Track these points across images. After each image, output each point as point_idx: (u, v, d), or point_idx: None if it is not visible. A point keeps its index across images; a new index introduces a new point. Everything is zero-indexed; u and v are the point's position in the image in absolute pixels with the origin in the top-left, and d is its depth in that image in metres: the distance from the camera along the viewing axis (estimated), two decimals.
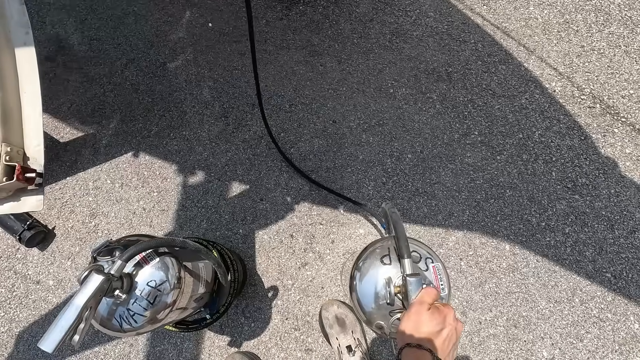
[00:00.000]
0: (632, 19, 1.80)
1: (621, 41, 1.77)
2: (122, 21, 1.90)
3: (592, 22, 1.81)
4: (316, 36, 1.84)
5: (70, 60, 1.84)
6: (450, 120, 1.69)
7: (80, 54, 1.85)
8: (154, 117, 1.74)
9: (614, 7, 1.82)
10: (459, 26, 1.84)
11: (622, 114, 1.67)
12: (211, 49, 1.83)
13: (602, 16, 1.81)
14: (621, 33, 1.78)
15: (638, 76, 1.72)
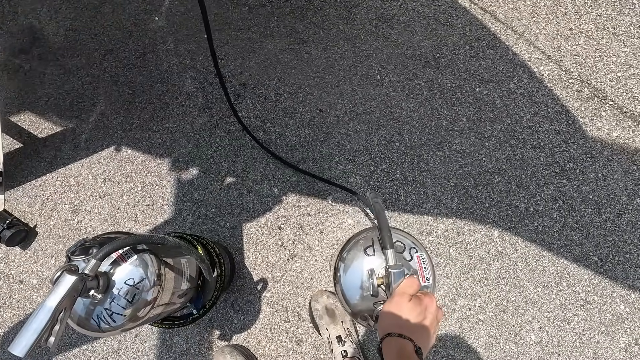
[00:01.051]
0: (620, 0, 1.78)
1: (609, 23, 1.75)
2: (98, 10, 1.83)
3: (580, 4, 1.78)
4: (301, 23, 1.79)
5: (46, 52, 1.78)
6: (438, 107, 1.67)
7: (55, 46, 1.78)
8: (136, 109, 1.69)
9: None
10: (447, 10, 1.80)
11: (609, 97, 1.66)
12: (192, 37, 1.78)
13: None
14: (609, 15, 1.76)
15: (626, 59, 1.70)
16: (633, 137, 1.60)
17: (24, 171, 1.61)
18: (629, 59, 1.70)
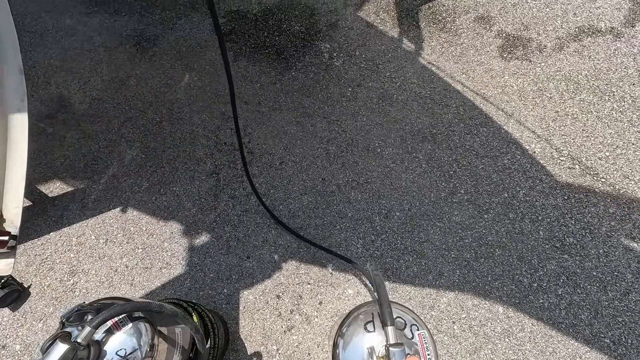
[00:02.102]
0: (600, 87, 1.94)
1: (592, 107, 1.89)
2: (124, 83, 2.01)
3: (563, 90, 1.95)
4: (307, 99, 1.94)
5: (70, 117, 1.91)
6: (436, 179, 1.73)
7: (80, 112, 1.93)
8: (146, 172, 1.76)
9: (581, 77, 1.97)
10: (441, 92, 1.96)
11: (601, 174, 1.73)
12: (206, 109, 1.92)
13: (572, 85, 1.96)
14: (591, 100, 1.91)
15: (612, 139, 1.81)
16: (629, 213, 1.63)
17: (28, 229, 1.63)
18: (614, 140, 1.81)
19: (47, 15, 2.20)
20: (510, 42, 2.08)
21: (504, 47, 2.07)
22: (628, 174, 1.72)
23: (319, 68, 2.03)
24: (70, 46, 2.11)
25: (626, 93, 1.92)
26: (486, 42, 2.09)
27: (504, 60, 2.03)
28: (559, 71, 1.99)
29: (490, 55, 2.05)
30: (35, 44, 2.11)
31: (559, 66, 2.01)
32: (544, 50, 2.05)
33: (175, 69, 2.04)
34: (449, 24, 2.15)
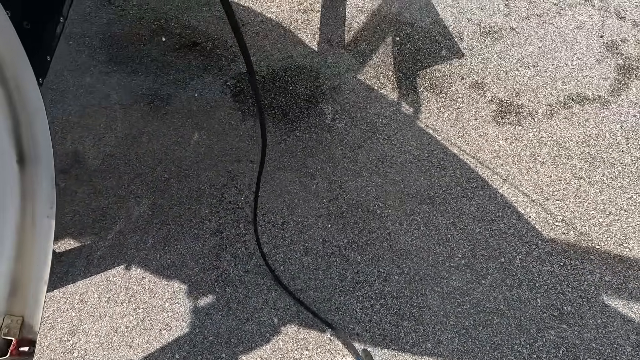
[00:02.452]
0: (590, 154, 2.03)
1: (584, 173, 1.97)
2: (136, 140, 2.11)
3: (555, 155, 2.04)
4: (310, 159, 2.03)
5: (83, 173, 2.00)
6: (434, 242, 1.77)
7: (92, 168, 2.01)
8: (152, 229, 1.81)
9: (572, 143, 2.07)
10: (438, 154, 2.05)
11: (595, 241, 1.77)
12: (213, 167, 2.01)
13: (564, 151, 2.05)
14: (583, 166, 1.99)
15: (604, 205, 1.87)
16: (625, 282, 1.65)
17: None
18: (607, 206, 1.86)
19: (69, 74, 2.36)
20: (504, 107, 2.20)
21: (498, 112, 2.19)
22: (622, 241, 1.76)
23: (322, 129, 2.14)
24: (88, 103, 2.24)
25: (616, 160, 2.00)
26: (481, 107, 2.21)
27: (498, 125, 2.14)
28: (551, 137, 2.09)
29: (485, 120, 2.16)
30: (56, 101, 2.24)
31: (550, 132, 2.11)
32: (535, 117, 2.16)
33: (185, 127, 2.15)
34: (445, 89, 2.28)
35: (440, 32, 2.52)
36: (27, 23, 0.95)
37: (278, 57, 2.42)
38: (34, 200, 0.71)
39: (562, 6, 2.61)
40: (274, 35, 2.52)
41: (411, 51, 2.43)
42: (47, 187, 0.72)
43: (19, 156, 0.67)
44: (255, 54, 2.43)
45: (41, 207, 0.71)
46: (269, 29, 2.55)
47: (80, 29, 2.53)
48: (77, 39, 2.48)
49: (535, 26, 2.53)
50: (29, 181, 0.70)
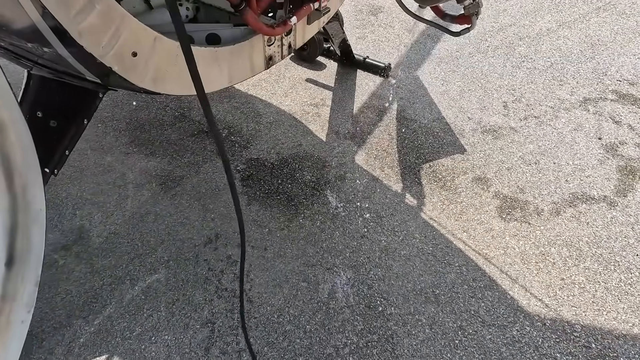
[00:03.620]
0: (603, 256, 1.95)
1: (599, 277, 1.87)
2: (143, 219, 2.15)
3: (566, 256, 1.96)
4: (312, 247, 2.00)
5: (84, 250, 2.00)
6: (441, 348, 1.63)
7: (94, 245, 2.02)
8: (142, 316, 1.73)
9: (582, 243, 2.00)
10: (443, 249, 2.00)
11: (621, 358, 1.60)
12: (214, 250, 1.99)
13: (575, 251, 1.98)
14: (596, 269, 1.90)
15: (626, 316, 1.73)
16: None
17: None
18: (629, 317, 1.72)
19: (92, 153, 2.51)
20: (508, 203, 2.20)
21: (502, 207, 2.18)
22: None
23: (325, 217, 2.15)
24: (104, 181, 2.34)
25: (631, 264, 1.91)
26: (484, 201, 2.22)
27: (503, 221, 2.12)
28: (559, 236, 2.04)
29: (490, 215, 2.15)
30: (74, 178, 2.35)
31: (558, 231, 2.06)
32: (541, 214, 2.14)
33: (192, 209, 2.20)
34: (449, 182, 2.33)
35: (443, 128, 2.66)
36: (53, 122, 1.04)
37: (288, 145, 2.55)
38: (12, 302, 0.70)
39: (558, 109, 2.77)
40: (286, 125, 2.70)
41: (415, 145, 2.55)
42: (29, 291, 0.72)
43: (8, 258, 0.68)
44: (267, 141, 2.58)
45: (18, 311, 0.70)
46: (282, 119, 2.75)
47: (110, 113, 2.77)
48: (106, 122, 2.70)
49: (533, 126, 2.66)
50: (12, 283, 0.69)
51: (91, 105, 1.11)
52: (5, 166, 0.64)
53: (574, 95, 2.87)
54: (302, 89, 3.00)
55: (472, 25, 1.31)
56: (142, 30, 0.93)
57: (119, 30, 0.86)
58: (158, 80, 1.02)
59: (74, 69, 0.91)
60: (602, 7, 3.80)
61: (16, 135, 0.64)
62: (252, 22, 1.16)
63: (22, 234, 0.70)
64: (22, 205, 0.69)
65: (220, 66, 1.24)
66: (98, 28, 0.81)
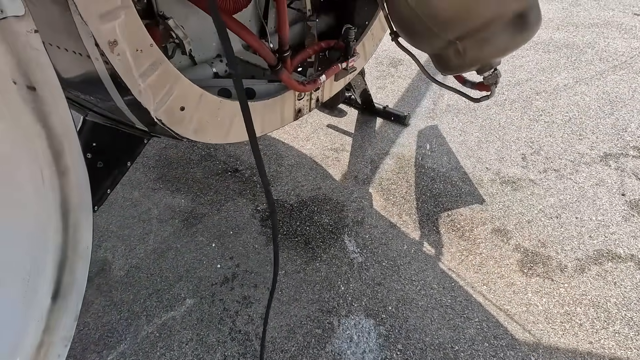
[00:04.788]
0: (634, 320, 1.85)
1: (630, 343, 1.76)
2: (163, 254, 2.20)
3: (593, 317, 1.87)
4: (328, 293, 1.99)
5: (105, 283, 2.04)
6: None
7: (116, 279, 2.06)
8: (154, 354, 1.72)
9: (610, 305, 1.92)
10: (462, 302, 1.95)
11: None
12: (230, 290, 2.00)
13: (603, 313, 1.89)
14: (627, 334, 1.80)
15: None
16: None
17: None
18: None
19: (120, 187, 2.64)
20: (529, 257, 2.15)
21: (524, 262, 2.13)
22: None
23: (342, 262, 2.15)
24: (130, 215, 2.44)
25: None
26: (505, 254, 2.18)
27: (525, 276, 2.06)
28: (585, 295, 1.96)
29: (511, 268, 2.10)
30: (103, 210, 2.46)
31: (583, 289, 1.99)
32: (565, 270, 2.08)
33: (211, 246, 2.24)
34: (467, 232, 2.31)
35: (461, 177, 2.69)
36: (100, 163, 1.14)
37: (308, 188, 2.62)
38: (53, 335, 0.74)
39: (579, 164, 2.77)
40: (307, 168, 2.79)
41: (433, 193, 2.57)
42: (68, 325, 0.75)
43: (54, 291, 0.73)
44: (287, 183, 2.66)
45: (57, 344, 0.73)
46: (303, 162, 2.85)
47: None
48: (137, 159, 2.86)
49: (553, 179, 2.65)
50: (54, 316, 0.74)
51: (136, 150, 1.21)
52: (64, 207, 0.71)
53: (594, 150, 2.88)
54: (323, 134, 3.12)
55: (492, 94, 1.38)
56: (191, 87, 1.05)
57: (172, 88, 0.97)
58: (199, 131, 1.13)
59: (126, 119, 1.02)
60: (618, 65, 3.90)
61: (76, 178, 0.71)
62: (286, 81, 1.28)
63: (69, 269, 0.75)
64: (72, 243, 0.74)
65: (255, 118, 1.34)
66: (155, 87, 0.93)
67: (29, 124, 0.62)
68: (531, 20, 1.07)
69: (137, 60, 0.86)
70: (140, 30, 0.85)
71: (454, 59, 1.14)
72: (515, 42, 1.10)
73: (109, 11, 0.76)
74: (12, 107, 0.60)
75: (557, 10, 5.07)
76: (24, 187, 0.67)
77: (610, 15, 4.84)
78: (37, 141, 0.65)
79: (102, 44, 0.77)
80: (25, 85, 0.61)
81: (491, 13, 0.99)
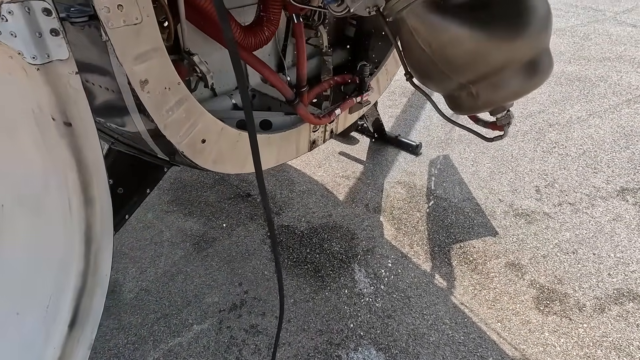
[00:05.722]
0: None
1: None
2: (173, 278, 2.21)
3: None
4: (336, 324, 1.95)
5: (114, 305, 2.05)
6: None
7: (125, 301, 2.07)
8: None
9: (633, 348, 1.83)
10: (476, 339, 1.88)
11: None
12: (238, 318, 1.97)
13: (625, 357, 1.80)
14: None
15: None
16: None
17: None
18: None
19: None
20: (546, 294, 2.09)
21: (540, 298, 2.07)
22: None
23: (352, 292, 2.12)
24: (142, 237, 2.47)
25: None
26: (520, 290, 2.11)
27: (541, 314, 1.99)
28: (605, 337, 1.88)
29: (526, 305, 2.04)
30: None
31: (604, 330, 1.91)
32: (583, 310, 2.01)
33: (220, 271, 2.24)
34: (480, 265, 2.26)
35: (473, 208, 2.66)
36: (121, 189, 1.18)
37: (318, 214, 2.63)
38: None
39: (594, 197, 2.72)
40: (318, 195, 2.81)
41: (445, 224, 2.55)
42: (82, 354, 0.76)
43: (72, 319, 0.74)
44: (298, 209, 2.67)
45: None
46: (314, 189, 2.87)
47: None
48: None
49: (569, 213, 2.60)
50: (70, 345, 0.75)
51: (156, 178, 1.25)
52: (87, 235, 0.73)
53: (610, 184, 2.83)
54: (335, 161, 3.16)
55: (505, 134, 1.40)
56: (213, 121, 1.10)
57: (195, 123, 1.02)
58: (218, 162, 1.17)
59: (149, 148, 1.07)
60: (632, 99, 3.89)
61: (101, 208, 0.74)
62: (303, 114, 1.33)
63: (88, 296, 0.77)
64: (92, 269, 0.76)
65: (271, 149, 1.39)
66: (180, 122, 0.98)
67: (63, 156, 0.66)
68: (542, 67, 1.11)
69: (165, 97, 0.91)
70: (170, 69, 0.91)
71: (466, 101, 1.17)
72: (527, 87, 1.14)
73: (142, 53, 0.82)
74: (50, 141, 0.64)
75: (568, 44, 5.14)
76: (52, 215, 0.70)
77: (622, 49, 4.89)
78: (68, 172, 0.68)
79: (134, 82, 0.83)
80: (63, 121, 0.65)
81: (503, 59, 1.03)
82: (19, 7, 0.56)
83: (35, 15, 0.59)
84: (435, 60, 1.05)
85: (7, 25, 0.57)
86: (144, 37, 0.82)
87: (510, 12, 1.00)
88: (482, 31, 0.97)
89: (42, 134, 0.64)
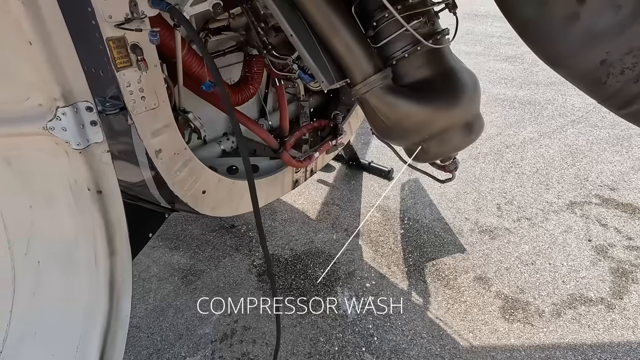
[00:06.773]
0: None
1: None
2: (163, 312, 2.27)
3: None
4: (323, 345, 2.08)
5: None
6: None
7: None
8: None
9: (586, 347, 2.06)
10: (451, 350, 2.06)
11: None
12: (229, 347, 2.07)
13: (580, 356, 2.03)
14: None
15: None
16: None
17: None
18: None
19: None
20: (510, 304, 2.31)
21: (505, 308, 2.29)
22: None
23: (336, 314, 2.26)
24: None
25: None
26: (487, 301, 2.33)
27: (507, 322, 2.21)
28: (563, 339, 2.11)
29: (493, 315, 2.25)
30: None
31: (561, 333, 2.14)
32: (542, 315, 2.24)
33: (210, 303, 2.33)
34: (452, 281, 2.48)
35: (443, 228, 2.90)
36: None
37: (301, 242, 2.78)
38: None
39: (548, 212, 3.04)
40: (299, 222, 2.97)
41: (418, 243, 2.76)
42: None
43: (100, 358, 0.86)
44: (282, 238, 2.82)
45: None
46: (295, 217, 3.03)
47: None
48: None
49: (527, 227, 2.89)
50: None
51: (158, 223, 1.38)
52: (111, 282, 0.85)
53: (561, 199, 3.17)
54: (314, 189, 3.35)
55: (453, 177, 1.72)
56: (212, 175, 1.26)
57: (198, 178, 1.18)
58: (215, 208, 1.32)
59: (154, 199, 1.21)
60: (576, 120, 4.36)
61: (122, 257, 0.87)
62: (287, 160, 1.52)
63: (112, 338, 0.88)
64: (115, 312, 0.88)
65: (260, 192, 1.55)
66: (185, 179, 1.13)
67: (94, 218, 0.80)
68: (476, 127, 1.46)
69: (174, 161, 1.07)
70: (178, 138, 1.08)
71: (420, 153, 1.47)
72: (466, 142, 1.48)
73: (158, 129, 0.99)
74: (84, 207, 0.78)
75: (519, 70, 5.68)
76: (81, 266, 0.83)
77: None
78: (97, 231, 0.82)
79: (151, 153, 0.99)
80: (96, 191, 0.79)
81: (445, 124, 1.34)
82: (70, 108, 0.72)
83: (80, 113, 0.74)
84: (393, 128, 1.35)
85: (60, 123, 0.72)
86: (160, 117, 0.98)
87: (447, 89, 1.29)
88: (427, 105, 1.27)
89: (76, 201, 0.78)
